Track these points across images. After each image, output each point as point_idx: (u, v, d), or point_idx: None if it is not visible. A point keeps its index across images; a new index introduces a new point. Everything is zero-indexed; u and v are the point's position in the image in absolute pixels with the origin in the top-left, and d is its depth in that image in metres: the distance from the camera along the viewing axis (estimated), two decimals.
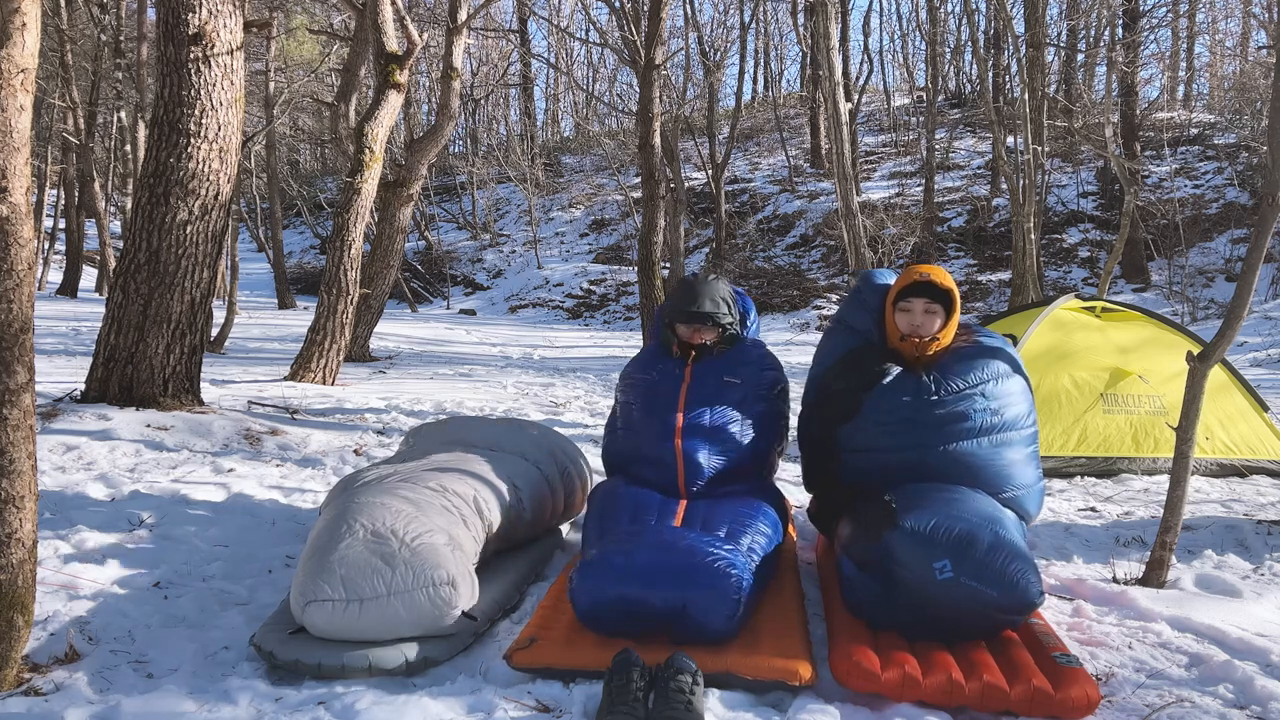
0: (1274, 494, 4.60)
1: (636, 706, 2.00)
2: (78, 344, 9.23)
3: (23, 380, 2.07)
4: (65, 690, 2.12)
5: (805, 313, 17.08)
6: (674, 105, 19.16)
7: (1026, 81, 12.78)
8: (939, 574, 2.29)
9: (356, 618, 2.28)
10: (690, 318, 3.18)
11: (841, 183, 9.09)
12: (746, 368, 3.19)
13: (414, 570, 2.32)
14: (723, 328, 3.20)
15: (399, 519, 2.47)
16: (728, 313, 3.21)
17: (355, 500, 2.57)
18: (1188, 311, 13.84)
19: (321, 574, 2.32)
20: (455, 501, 2.70)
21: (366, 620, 2.28)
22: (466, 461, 3.01)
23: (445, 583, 2.33)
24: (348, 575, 2.31)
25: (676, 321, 3.24)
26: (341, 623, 2.28)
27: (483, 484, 2.89)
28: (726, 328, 3.21)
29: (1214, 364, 3.10)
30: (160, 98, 5.19)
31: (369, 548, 2.37)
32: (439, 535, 2.46)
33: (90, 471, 4.17)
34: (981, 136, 22.80)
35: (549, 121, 33.86)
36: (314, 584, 2.31)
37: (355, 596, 2.29)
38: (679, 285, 3.33)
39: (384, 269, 9.55)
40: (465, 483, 2.82)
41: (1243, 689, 2.26)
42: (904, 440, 2.84)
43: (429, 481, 2.74)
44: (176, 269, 5.13)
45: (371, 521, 2.45)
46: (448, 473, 2.86)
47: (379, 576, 2.31)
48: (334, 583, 2.30)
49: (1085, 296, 6.35)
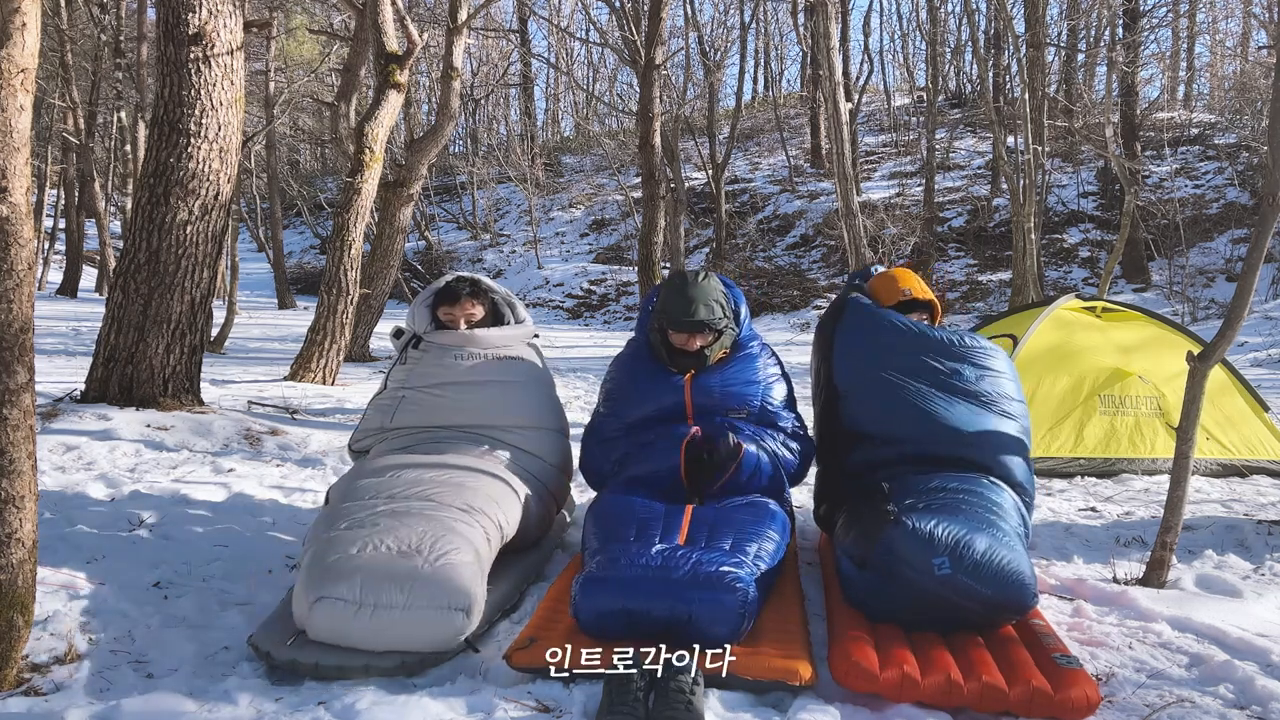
0: (1274, 494, 4.60)
1: (636, 706, 2.00)
2: (78, 344, 9.23)
3: (23, 380, 2.06)
4: (65, 690, 2.12)
5: (805, 313, 17.07)
6: (674, 105, 19.16)
7: (1026, 81, 12.78)
8: (937, 570, 2.34)
9: (366, 623, 2.25)
10: (685, 326, 3.06)
11: (841, 183, 9.09)
12: (750, 375, 3.10)
13: (434, 588, 2.30)
14: (718, 332, 3.10)
15: (425, 536, 2.45)
16: (723, 315, 3.09)
17: (378, 509, 2.58)
18: (1188, 311, 13.83)
19: (338, 573, 2.31)
20: (482, 521, 2.66)
21: (374, 628, 2.26)
22: (482, 475, 2.93)
23: (461, 609, 2.30)
24: (367, 580, 2.29)
25: (670, 329, 3.11)
26: (347, 626, 2.26)
27: (504, 497, 2.87)
28: (722, 331, 3.11)
29: (1214, 364, 3.10)
30: (160, 98, 5.19)
31: (392, 557, 2.36)
32: (465, 553, 2.44)
33: (90, 471, 4.17)
34: (981, 136, 22.79)
35: (549, 121, 33.86)
36: (329, 582, 2.29)
37: (370, 602, 2.26)
38: (669, 290, 3.15)
39: (384, 269, 9.54)
40: (488, 499, 2.78)
41: (1243, 689, 2.26)
42: (903, 392, 3.01)
43: (453, 500, 2.69)
44: (176, 269, 5.13)
45: (397, 534, 2.44)
46: (468, 487, 2.80)
47: (399, 587, 2.28)
48: (352, 584, 2.28)
49: (1086, 296, 6.35)
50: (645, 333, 3.27)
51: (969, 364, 3.02)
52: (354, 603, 2.27)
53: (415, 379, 3.20)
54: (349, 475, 2.98)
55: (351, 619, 2.26)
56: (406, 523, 2.52)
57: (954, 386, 2.98)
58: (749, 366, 3.14)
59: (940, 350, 3.03)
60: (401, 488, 2.76)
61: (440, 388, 3.18)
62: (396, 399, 3.19)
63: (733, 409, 3.07)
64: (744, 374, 3.12)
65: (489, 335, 3.28)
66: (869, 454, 3.04)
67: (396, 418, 3.16)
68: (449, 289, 3.30)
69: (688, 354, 3.09)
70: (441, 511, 2.60)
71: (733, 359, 3.15)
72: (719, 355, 3.13)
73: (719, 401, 3.07)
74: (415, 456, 2.98)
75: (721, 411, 3.06)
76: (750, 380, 3.11)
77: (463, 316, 3.27)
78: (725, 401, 3.07)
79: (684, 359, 3.11)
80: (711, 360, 3.12)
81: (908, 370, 3.01)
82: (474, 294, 3.29)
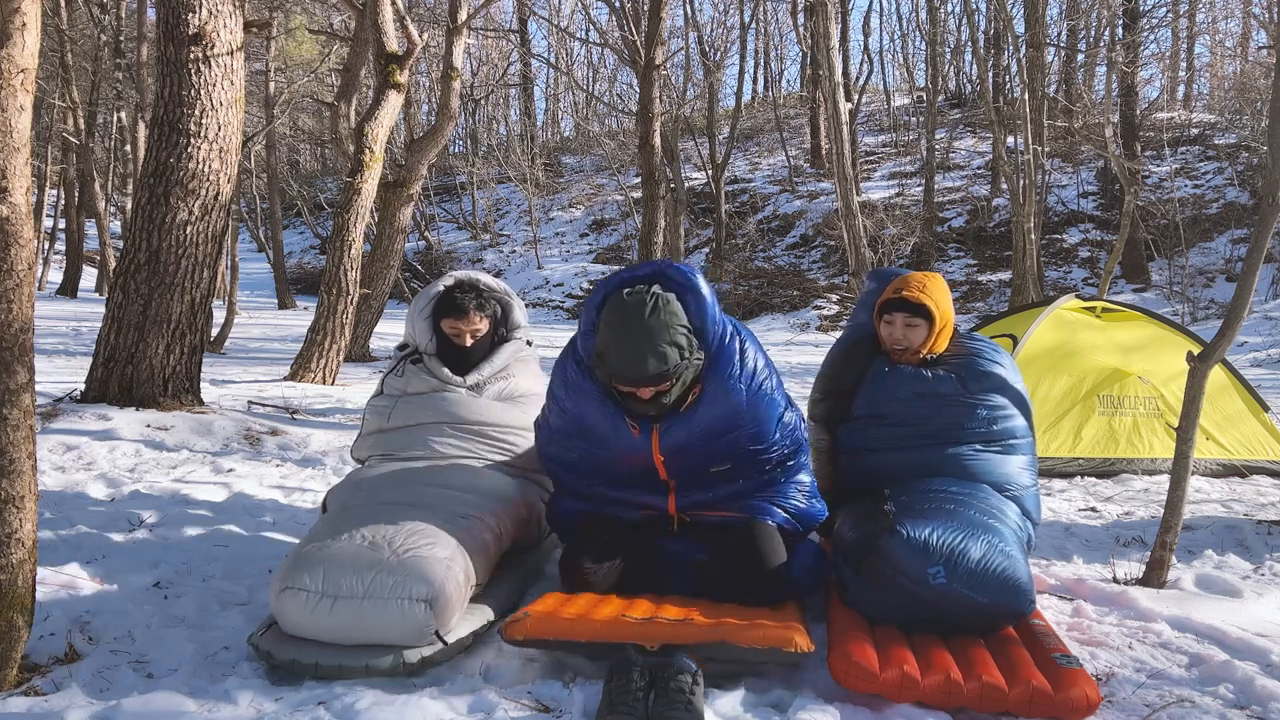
0: (1274, 494, 4.60)
1: (636, 706, 2.00)
2: (78, 344, 9.24)
3: (23, 380, 2.06)
4: (65, 690, 2.12)
5: (805, 313, 17.08)
6: (674, 105, 19.17)
7: (1026, 81, 12.78)
8: (933, 579, 2.34)
9: (327, 614, 2.23)
10: (633, 382, 2.41)
11: (841, 183, 9.09)
12: (730, 409, 2.52)
13: (395, 579, 2.26)
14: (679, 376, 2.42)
15: (402, 531, 2.43)
16: (685, 355, 2.39)
17: (368, 508, 2.58)
18: (1188, 311, 13.84)
19: (306, 563, 2.31)
20: (474, 524, 2.64)
21: (335, 619, 2.24)
22: (480, 476, 2.93)
23: (422, 600, 2.25)
24: (329, 570, 2.28)
25: (614, 381, 2.45)
26: (311, 617, 2.24)
27: (503, 499, 2.85)
28: (687, 370, 2.43)
29: (1214, 364, 3.09)
30: (160, 98, 5.19)
31: (360, 548, 2.35)
32: (441, 549, 2.40)
33: (90, 471, 4.17)
34: (981, 136, 22.79)
35: (549, 121, 33.88)
36: (294, 573, 2.30)
37: (331, 593, 2.25)
38: (609, 329, 2.40)
39: (384, 269, 9.55)
40: (487, 500, 2.77)
41: (1243, 689, 2.26)
42: (906, 439, 2.87)
43: (447, 502, 2.68)
44: (176, 269, 5.13)
45: (376, 528, 2.43)
46: (464, 489, 2.79)
47: (359, 577, 2.26)
48: (314, 574, 2.28)
49: (1085, 296, 6.35)
50: (587, 351, 2.55)
51: (981, 417, 2.88)
52: (315, 593, 2.25)
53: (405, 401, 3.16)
54: (345, 482, 2.98)
55: (313, 610, 2.24)
56: (390, 518, 2.50)
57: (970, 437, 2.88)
58: (727, 396, 2.52)
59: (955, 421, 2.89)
60: (396, 490, 2.76)
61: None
62: (394, 400, 3.19)
63: (717, 465, 2.61)
64: (723, 409, 2.53)
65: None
66: (872, 463, 3.00)
67: (394, 418, 3.16)
68: (453, 302, 3.09)
69: (643, 400, 2.47)
70: (431, 511, 2.59)
71: (705, 393, 2.51)
72: (689, 400, 2.52)
73: (698, 461, 2.60)
74: (413, 463, 2.98)
75: (704, 469, 2.62)
76: (732, 417, 2.54)
77: (469, 332, 3.11)
78: (707, 461, 2.60)
79: (639, 404, 2.48)
80: (678, 405, 2.51)
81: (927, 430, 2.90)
82: (480, 305, 3.12)
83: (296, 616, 2.26)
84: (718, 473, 2.63)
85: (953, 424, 2.86)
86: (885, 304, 2.99)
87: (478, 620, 2.47)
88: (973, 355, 2.96)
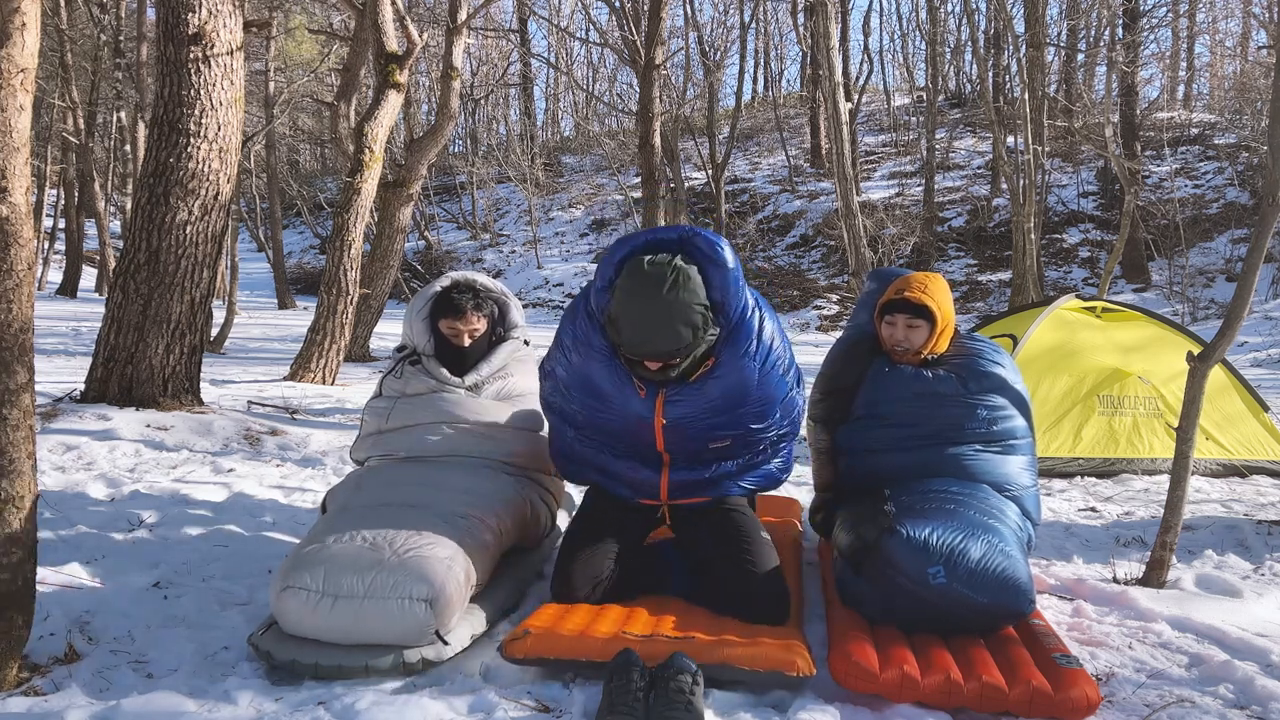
0: (1274, 494, 4.60)
1: (636, 706, 2.00)
2: (78, 344, 9.24)
3: (23, 380, 2.06)
4: (65, 690, 2.12)
5: (805, 313, 17.08)
6: (674, 105, 19.18)
7: (1026, 81, 12.79)
8: (933, 579, 2.34)
9: (327, 614, 2.24)
10: (643, 356, 2.39)
11: (841, 183, 9.09)
12: (740, 389, 2.51)
13: (396, 578, 2.27)
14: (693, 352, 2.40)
15: (403, 531, 2.43)
16: (700, 333, 2.34)
17: (369, 508, 2.57)
18: (1188, 311, 13.84)
19: (307, 563, 2.31)
20: (474, 524, 2.63)
21: (336, 619, 2.24)
22: (480, 477, 2.92)
23: (423, 599, 2.25)
24: (330, 570, 2.28)
25: (631, 357, 2.43)
26: (311, 617, 2.25)
27: (503, 499, 2.85)
28: (708, 345, 2.41)
29: (1214, 364, 3.09)
30: (160, 98, 5.19)
31: (361, 548, 2.35)
32: (442, 549, 2.40)
33: (90, 471, 4.17)
34: (981, 136, 22.79)
35: (549, 121, 33.86)
36: (294, 572, 2.30)
37: (331, 592, 2.25)
38: (623, 301, 2.35)
39: (384, 269, 9.55)
40: (486, 501, 2.77)
41: (1243, 689, 2.26)
42: (906, 440, 2.86)
43: (446, 502, 2.67)
44: (176, 269, 5.13)
45: (377, 528, 2.43)
46: (464, 489, 2.79)
47: (360, 577, 2.26)
48: (315, 573, 2.28)
49: (1085, 296, 6.35)
50: (599, 306, 2.50)
51: (983, 418, 2.87)
52: (316, 592, 2.25)
53: (404, 402, 3.17)
54: (344, 482, 2.98)
55: (313, 609, 2.24)
56: (390, 519, 2.51)
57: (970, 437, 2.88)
58: (740, 372, 2.48)
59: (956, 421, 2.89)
60: (396, 490, 2.76)
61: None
62: (392, 402, 3.19)
63: (716, 441, 2.60)
64: (734, 384, 2.49)
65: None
66: (872, 463, 3.00)
67: (392, 419, 3.16)
68: (451, 302, 3.10)
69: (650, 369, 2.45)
70: (431, 511, 2.59)
71: (718, 366, 2.48)
72: (700, 370, 2.48)
73: (699, 433, 2.58)
74: (412, 464, 2.98)
75: (703, 444, 2.60)
76: (741, 393, 2.51)
77: (467, 332, 3.12)
78: (708, 436, 2.58)
79: (646, 372, 2.46)
80: (688, 375, 2.48)
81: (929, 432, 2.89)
82: (477, 305, 3.13)
83: (297, 616, 2.26)
84: (715, 449, 2.61)
85: (953, 424, 2.85)
86: (887, 305, 2.98)
87: (478, 624, 2.47)
88: (973, 355, 2.95)
